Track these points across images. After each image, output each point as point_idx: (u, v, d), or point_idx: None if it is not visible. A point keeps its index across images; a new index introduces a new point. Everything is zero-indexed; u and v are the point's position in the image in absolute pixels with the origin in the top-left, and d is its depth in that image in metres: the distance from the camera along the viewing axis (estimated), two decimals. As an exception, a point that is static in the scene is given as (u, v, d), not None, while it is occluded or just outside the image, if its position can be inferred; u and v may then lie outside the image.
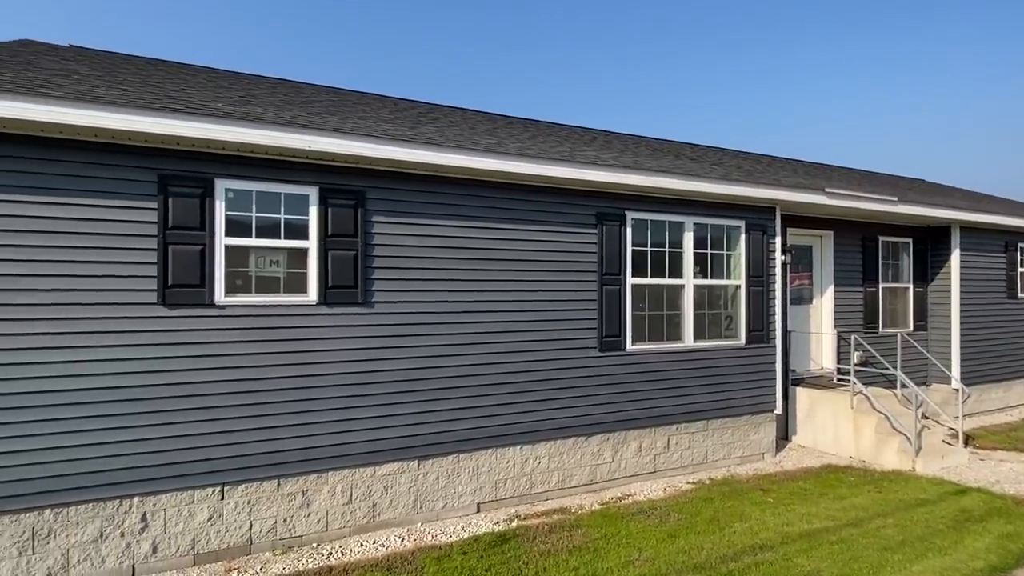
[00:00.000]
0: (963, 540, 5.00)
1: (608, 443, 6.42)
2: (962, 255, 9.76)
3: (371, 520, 5.25)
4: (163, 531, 4.53)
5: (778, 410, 7.61)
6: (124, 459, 4.39)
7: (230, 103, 5.21)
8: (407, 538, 5.15)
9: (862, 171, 13.41)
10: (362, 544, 5.01)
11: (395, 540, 5.11)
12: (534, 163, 5.67)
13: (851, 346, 7.78)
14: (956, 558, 4.67)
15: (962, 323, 9.69)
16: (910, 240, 9.87)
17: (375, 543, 5.04)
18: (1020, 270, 10.75)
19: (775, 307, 7.56)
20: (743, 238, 7.30)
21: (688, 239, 6.90)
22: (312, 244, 5.01)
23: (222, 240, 4.69)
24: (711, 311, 7.13)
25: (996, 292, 10.29)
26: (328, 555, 4.81)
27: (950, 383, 9.53)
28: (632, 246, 6.51)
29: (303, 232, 5.00)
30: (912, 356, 9.44)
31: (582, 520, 5.50)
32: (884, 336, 9.28)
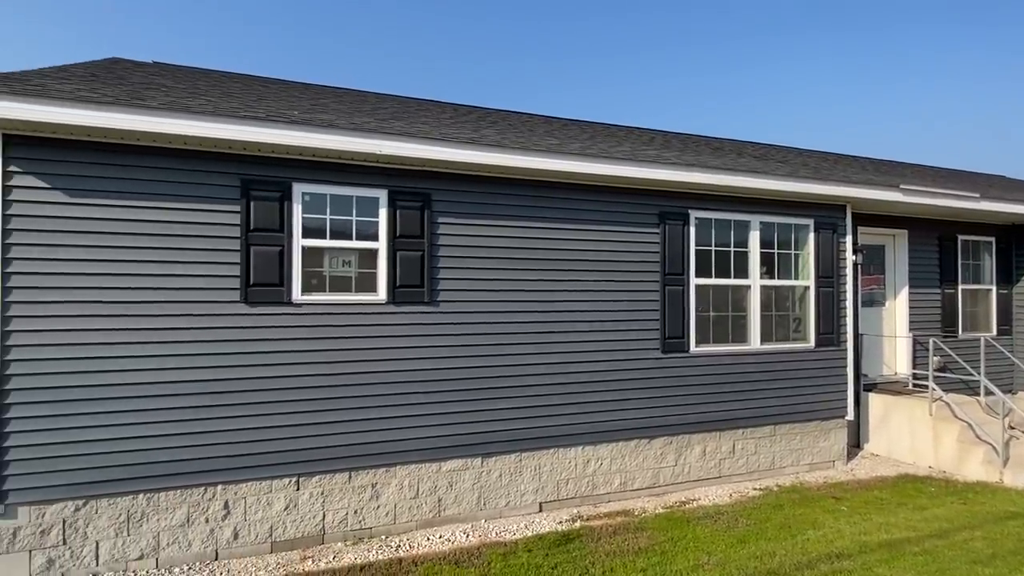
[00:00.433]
0: (1063, 557, 4.66)
1: (671, 446, 6.32)
2: (1052, 255, 9.11)
3: (436, 515, 5.35)
4: (243, 518, 4.75)
5: (849, 416, 7.30)
6: (209, 448, 4.65)
7: (304, 111, 5.45)
8: (471, 534, 5.22)
9: (935, 168, 12.72)
10: (428, 538, 5.12)
11: (460, 535, 5.18)
12: (596, 162, 5.67)
13: (929, 350, 7.38)
14: (1056, 576, 4.36)
15: (1053, 327, 9.04)
16: (992, 239, 9.29)
17: (441, 537, 5.13)
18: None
19: (846, 308, 7.26)
20: (812, 237, 7.06)
21: (754, 238, 6.73)
22: (381, 245, 5.17)
23: (299, 241, 4.91)
24: (778, 312, 6.92)
25: (1092, 294, 9.54)
26: (396, 547, 4.93)
27: (1040, 391, 8.89)
28: (696, 246, 6.41)
29: (373, 233, 5.17)
30: (996, 362, 8.88)
31: (646, 523, 5.44)
32: (964, 340, 8.76)
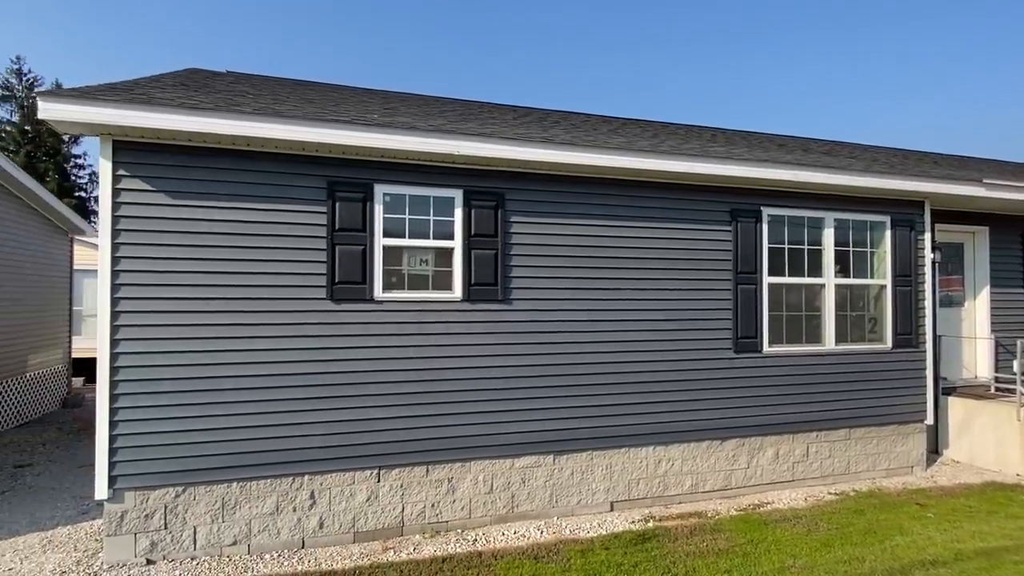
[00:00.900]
0: None
1: (743, 448, 6.19)
2: None
3: (510, 511, 5.39)
4: (328, 509, 4.91)
5: (929, 420, 7.00)
6: (297, 440, 4.82)
7: (380, 115, 5.60)
8: (546, 530, 5.24)
9: (1014, 163, 12.08)
10: (503, 533, 5.16)
11: (534, 532, 5.21)
12: (667, 159, 5.63)
13: (1018, 351, 7.01)
14: None
15: None
16: (1082, 236, 8.75)
17: (516, 533, 5.17)
18: None
19: (925, 309, 6.98)
20: (888, 235, 6.82)
21: (828, 236, 6.55)
22: (457, 244, 5.26)
23: (380, 240, 5.04)
24: (853, 312, 6.71)
25: None
26: (473, 541, 5.00)
27: None
28: (768, 243, 6.28)
29: (449, 233, 5.27)
30: (1087, 366, 8.34)
31: (722, 524, 5.35)
32: (1052, 343, 8.27)
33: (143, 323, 4.50)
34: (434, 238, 5.24)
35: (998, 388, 7.81)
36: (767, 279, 6.27)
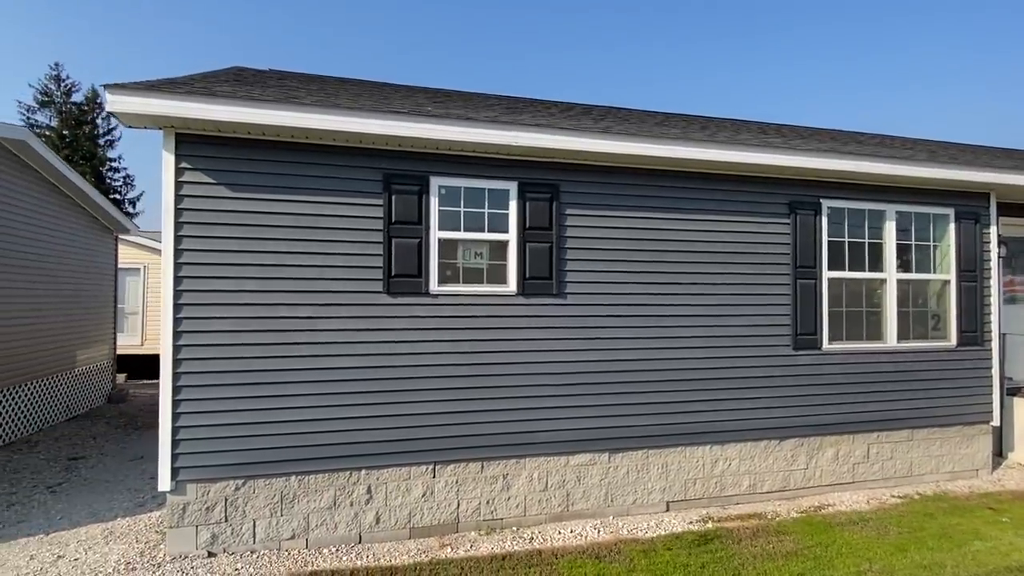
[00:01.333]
0: None
1: (803, 448, 5.99)
2: None
3: (565, 509, 5.29)
4: (384, 504, 4.86)
5: (995, 421, 6.71)
6: (354, 434, 4.78)
7: (436, 108, 5.55)
8: (602, 530, 5.12)
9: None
10: (559, 532, 5.06)
11: (591, 530, 5.10)
12: (728, 149, 5.47)
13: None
14: None
15: None
16: None
17: (572, 532, 5.07)
18: None
19: (991, 305, 6.69)
20: (952, 228, 6.55)
21: (890, 229, 6.31)
22: (512, 237, 5.18)
23: (436, 233, 4.99)
24: (916, 309, 6.46)
25: None
26: (530, 539, 4.90)
27: None
28: (828, 237, 6.07)
29: (503, 225, 5.19)
30: None
31: (785, 526, 5.17)
32: (1123, 342, 7.88)
33: (204, 316, 4.50)
34: (489, 231, 5.16)
35: (1066, 389, 7.45)
36: (827, 273, 6.06)
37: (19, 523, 5.11)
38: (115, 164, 31.90)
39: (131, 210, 30.82)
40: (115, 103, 4.09)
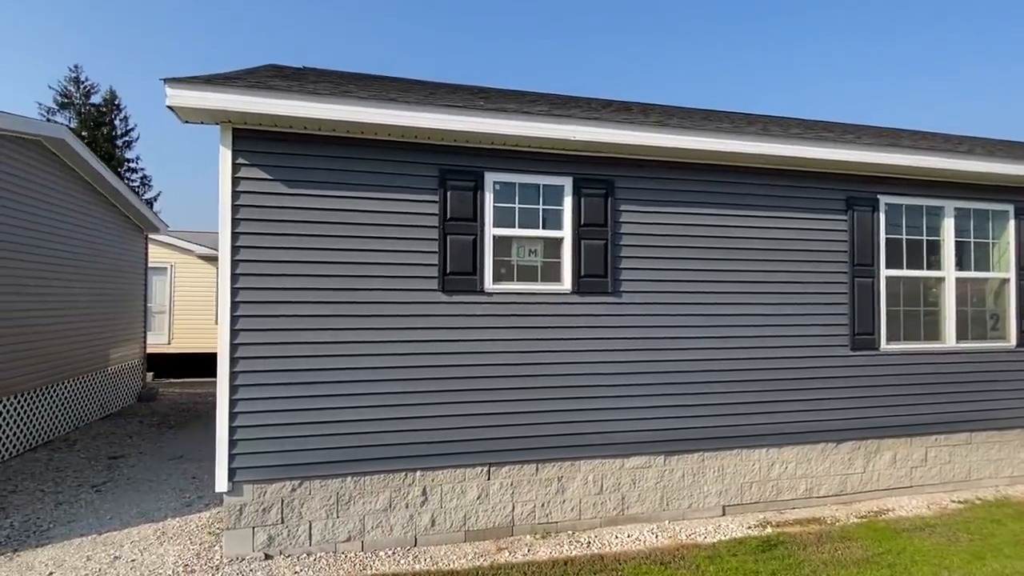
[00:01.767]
0: None
1: (860, 451, 5.83)
2: None
3: (620, 513, 5.17)
4: (439, 506, 4.76)
5: (1055, 425, 6.49)
6: (409, 434, 4.69)
7: (488, 103, 5.44)
8: (660, 534, 5.00)
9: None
10: (616, 536, 4.94)
11: (648, 535, 4.97)
12: (784, 143, 5.32)
13: None
14: None
15: None
16: None
17: (629, 536, 4.94)
18: None
19: (1051, 305, 6.48)
20: (1011, 224, 6.35)
21: (948, 226, 6.12)
22: (567, 234, 5.06)
23: (490, 230, 4.88)
24: (974, 308, 6.27)
25: None
26: (588, 544, 4.78)
27: None
28: (885, 234, 5.90)
29: (558, 222, 5.07)
30: None
31: (849, 532, 5.02)
32: None
33: (260, 314, 4.43)
34: (544, 228, 5.05)
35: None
36: (884, 272, 5.89)
37: (70, 523, 5.07)
38: (133, 165, 32.14)
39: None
40: (174, 97, 4.03)
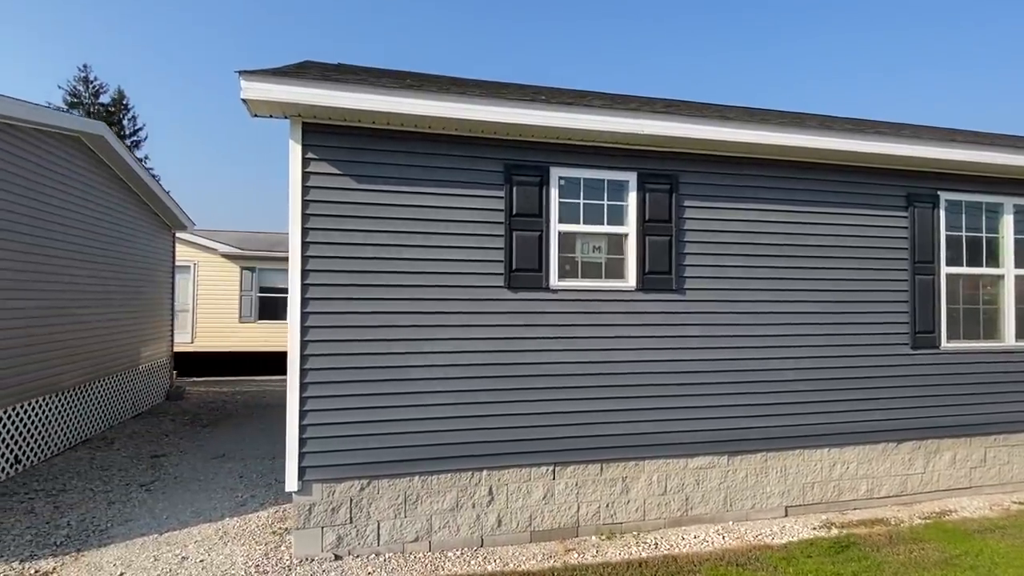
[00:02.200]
0: None
1: (920, 451, 5.74)
2: None
3: (684, 514, 5.09)
4: (506, 506, 4.69)
5: (1113, 425, 6.39)
6: (475, 433, 4.62)
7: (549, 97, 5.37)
8: (726, 535, 4.92)
9: None
10: (682, 537, 4.86)
11: (714, 536, 4.90)
12: (845, 137, 5.23)
13: None
14: None
15: None
16: None
17: (695, 537, 4.87)
18: None
19: (1108, 303, 6.38)
20: (1070, 222, 6.26)
21: (1007, 223, 6.03)
22: (631, 229, 4.99)
23: (555, 226, 4.81)
24: (1033, 306, 6.17)
25: None
26: (655, 545, 4.71)
27: None
28: (945, 231, 5.81)
29: (621, 218, 5.00)
30: None
31: (917, 533, 4.94)
32: None
33: (329, 311, 4.37)
34: (608, 224, 4.98)
35: None
36: (944, 269, 5.81)
37: (127, 522, 5.02)
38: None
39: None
40: (249, 89, 3.97)
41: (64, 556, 4.35)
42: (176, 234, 12.09)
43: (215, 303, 14.60)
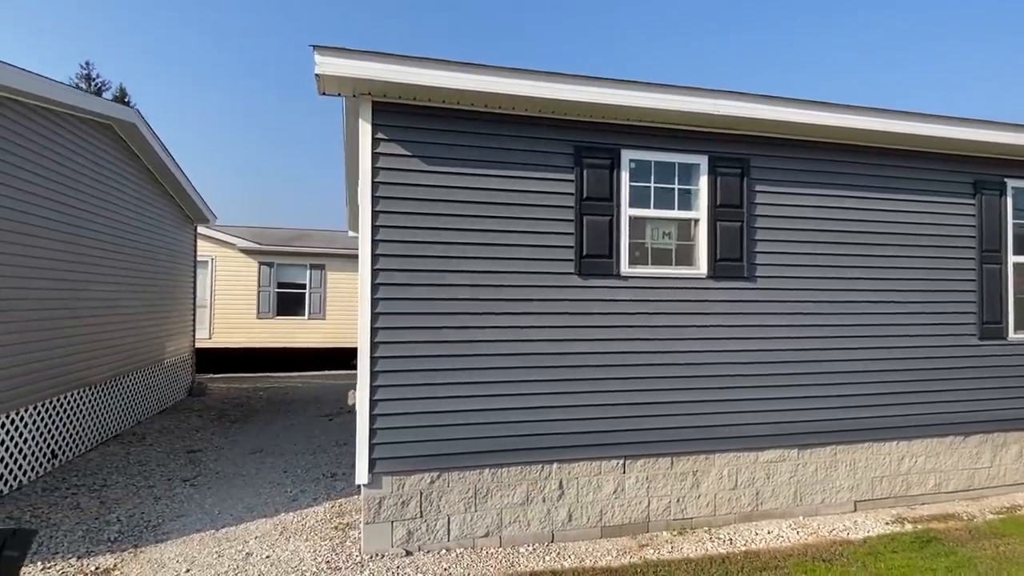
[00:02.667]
0: None
1: (987, 445, 5.60)
2: None
3: (754, 508, 4.94)
4: (576, 500, 4.53)
5: None
6: (545, 424, 4.46)
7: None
8: (800, 530, 4.77)
9: None
10: (755, 533, 4.71)
11: (788, 531, 4.74)
12: (917, 121, 5.06)
13: None
14: None
15: None
16: None
17: (769, 533, 4.71)
18: None
19: None
20: None
21: (1073, 211, 5.89)
22: (702, 215, 4.83)
23: (626, 211, 4.65)
24: (1098, 296, 6.03)
25: None
26: (730, 541, 4.55)
27: None
28: (1013, 219, 5.67)
29: (691, 203, 4.85)
30: None
31: (995, 528, 4.79)
32: None
33: (400, 296, 4.20)
34: (679, 208, 4.82)
35: None
36: (1012, 258, 5.66)
37: (179, 518, 4.84)
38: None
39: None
40: (324, 64, 3.80)
41: (122, 552, 4.18)
42: (197, 228, 11.91)
43: (233, 299, 14.41)
